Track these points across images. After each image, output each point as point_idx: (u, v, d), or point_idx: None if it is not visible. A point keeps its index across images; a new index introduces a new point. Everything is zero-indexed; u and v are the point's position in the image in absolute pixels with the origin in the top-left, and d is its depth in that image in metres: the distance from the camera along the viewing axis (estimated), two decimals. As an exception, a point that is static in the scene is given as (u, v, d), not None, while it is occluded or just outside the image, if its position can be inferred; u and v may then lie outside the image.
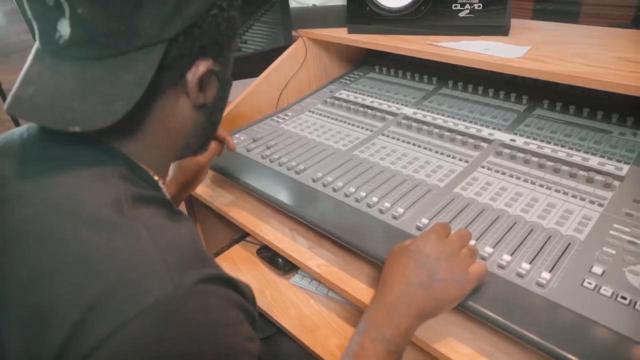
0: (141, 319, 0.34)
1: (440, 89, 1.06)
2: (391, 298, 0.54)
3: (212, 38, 0.45)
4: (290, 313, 0.77)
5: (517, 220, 0.66)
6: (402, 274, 0.55)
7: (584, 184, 0.71)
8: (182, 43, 0.42)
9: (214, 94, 0.50)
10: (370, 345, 0.51)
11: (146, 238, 0.38)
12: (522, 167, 0.77)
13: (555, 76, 0.72)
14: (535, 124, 0.87)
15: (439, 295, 0.53)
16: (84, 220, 0.39)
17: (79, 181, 0.41)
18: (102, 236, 0.38)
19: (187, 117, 0.49)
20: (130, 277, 0.36)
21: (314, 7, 1.12)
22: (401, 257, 0.56)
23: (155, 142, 0.48)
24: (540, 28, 0.98)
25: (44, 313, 0.36)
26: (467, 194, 0.72)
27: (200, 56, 0.45)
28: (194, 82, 0.45)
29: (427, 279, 0.53)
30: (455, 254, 0.55)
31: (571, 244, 0.61)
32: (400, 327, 0.52)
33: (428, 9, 0.95)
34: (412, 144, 0.88)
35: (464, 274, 0.54)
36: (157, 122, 0.46)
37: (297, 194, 0.78)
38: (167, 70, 0.43)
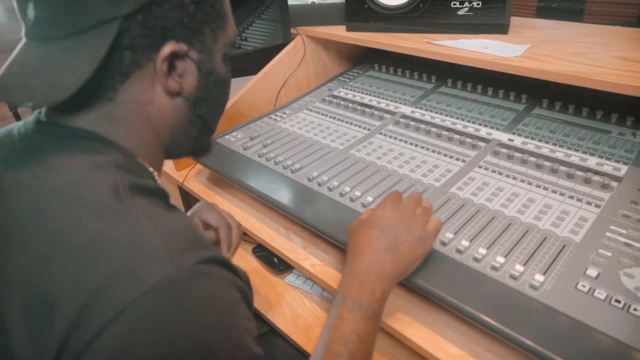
0: (146, 300, 0.35)
1: (440, 87, 1.05)
2: (362, 268, 0.55)
3: (178, 20, 0.45)
4: (284, 312, 0.77)
5: (512, 221, 0.65)
6: (368, 244, 0.57)
7: (582, 185, 0.71)
8: (142, 22, 0.42)
9: (193, 83, 0.49)
10: (348, 315, 0.53)
11: (146, 223, 0.39)
12: (520, 167, 0.76)
13: (552, 75, 0.71)
14: (534, 123, 0.87)
15: (406, 255, 0.56)
16: (84, 207, 0.39)
17: (77, 171, 0.42)
18: (102, 222, 0.38)
19: (167, 106, 0.49)
20: (133, 260, 0.37)
21: (312, 5, 1.11)
22: (363, 229, 0.59)
23: (142, 133, 0.48)
24: (540, 26, 0.97)
25: (48, 299, 0.36)
26: (463, 194, 0.72)
27: (169, 39, 0.45)
28: (159, 64, 0.45)
29: (392, 243, 0.56)
30: (411, 216, 0.59)
31: (566, 245, 0.60)
32: (375, 293, 0.54)
33: (426, 6, 0.95)
34: (409, 143, 0.88)
35: (423, 232, 0.58)
36: (138, 110, 0.47)
37: (292, 193, 0.78)
38: (128, 49, 0.43)
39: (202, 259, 0.39)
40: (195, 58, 0.48)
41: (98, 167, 0.43)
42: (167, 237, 0.39)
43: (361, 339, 0.52)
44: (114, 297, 0.35)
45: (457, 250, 0.61)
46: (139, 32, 0.43)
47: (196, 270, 0.38)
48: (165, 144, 0.52)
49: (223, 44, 0.51)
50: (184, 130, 0.52)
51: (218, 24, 0.50)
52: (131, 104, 0.46)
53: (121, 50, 0.43)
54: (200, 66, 0.49)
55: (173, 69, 0.47)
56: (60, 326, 0.35)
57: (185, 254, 0.39)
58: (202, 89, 0.50)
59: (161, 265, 0.37)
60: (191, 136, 0.54)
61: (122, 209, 0.40)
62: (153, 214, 0.41)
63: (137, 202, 0.41)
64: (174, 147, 0.54)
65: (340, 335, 0.52)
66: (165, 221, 0.41)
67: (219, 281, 0.40)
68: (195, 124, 0.53)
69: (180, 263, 0.38)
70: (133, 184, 0.43)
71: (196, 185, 0.95)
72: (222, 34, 0.51)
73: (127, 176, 0.43)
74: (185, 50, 0.47)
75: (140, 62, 0.45)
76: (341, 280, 0.57)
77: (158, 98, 0.48)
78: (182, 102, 0.50)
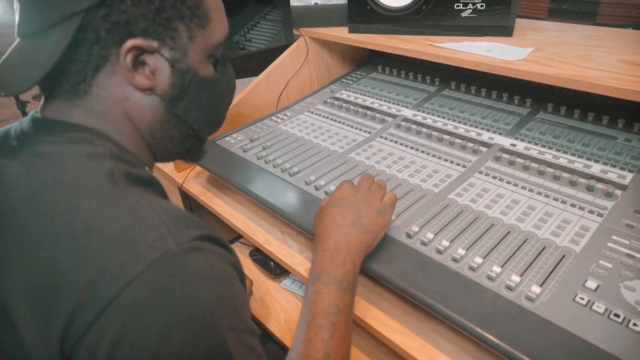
0: (149, 273, 0.37)
1: (443, 90, 1.04)
2: (330, 244, 0.58)
3: (143, 15, 0.45)
4: (279, 317, 0.76)
5: (511, 229, 0.64)
6: (333, 222, 0.60)
7: (584, 193, 0.69)
8: (105, 16, 0.44)
9: (165, 81, 0.49)
10: (325, 289, 0.55)
11: (143, 204, 0.42)
12: (521, 174, 0.75)
13: (555, 80, 0.69)
14: (538, 128, 0.85)
15: (370, 227, 0.60)
16: (82, 192, 0.41)
17: (73, 161, 0.44)
18: (102, 203, 0.41)
19: (143, 103, 0.49)
20: (134, 237, 0.39)
21: (315, 6, 1.10)
22: (326, 209, 0.62)
23: (125, 128, 0.50)
24: (545, 28, 0.95)
25: (53, 280, 0.38)
26: (462, 201, 0.70)
27: (136, 34, 0.45)
28: (122, 58, 0.46)
29: (355, 218, 0.60)
30: (367, 191, 0.63)
31: (566, 255, 0.58)
32: (346, 265, 0.57)
33: (429, 8, 0.93)
34: (409, 147, 0.86)
35: (381, 205, 0.62)
36: (115, 105, 0.48)
37: (288, 196, 0.77)
38: (96, 44, 0.45)
39: (199, 236, 0.41)
40: (167, 55, 0.48)
41: (93, 157, 0.45)
42: (165, 216, 0.41)
43: (340, 310, 0.54)
44: (118, 273, 0.37)
45: (452, 259, 0.59)
46: (103, 26, 0.44)
47: (194, 245, 0.40)
48: (148, 143, 0.53)
49: (204, 44, 0.51)
50: (164, 130, 0.53)
51: (196, 23, 0.49)
52: (108, 99, 0.48)
53: (89, 44, 0.45)
54: (173, 64, 0.49)
55: (143, 65, 0.48)
56: (67, 302, 0.37)
57: (183, 230, 0.41)
58: (177, 87, 0.50)
59: (161, 240, 0.39)
60: (174, 137, 0.54)
61: (120, 192, 0.42)
62: (149, 197, 0.43)
63: (133, 188, 0.43)
64: (157, 147, 0.54)
65: (320, 308, 0.54)
66: (162, 203, 0.43)
67: (215, 256, 0.42)
68: (175, 124, 0.53)
69: (179, 238, 0.39)
70: (128, 172, 0.45)
71: (195, 187, 0.95)
72: (201, 34, 0.50)
73: (122, 165, 0.45)
74: (155, 47, 0.47)
75: (108, 57, 0.46)
76: (313, 259, 0.59)
77: (133, 94, 0.49)
78: (158, 100, 0.50)
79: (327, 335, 0.52)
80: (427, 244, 0.62)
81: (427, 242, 0.62)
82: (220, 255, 0.43)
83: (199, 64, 0.51)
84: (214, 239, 0.44)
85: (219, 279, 0.41)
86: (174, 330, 0.37)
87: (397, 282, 0.58)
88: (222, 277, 0.42)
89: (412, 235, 0.64)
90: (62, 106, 0.48)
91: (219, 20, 0.52)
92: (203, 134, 0.58)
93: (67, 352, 0.37)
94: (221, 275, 0.42)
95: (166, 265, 0.38)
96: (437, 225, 0.66)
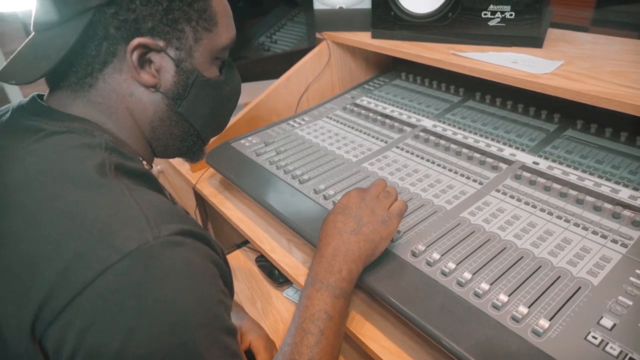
0: (124, 264, 0.37)
1: (467, 100, 1.00)
2: (329, 251, 0.57)
3: (151, 15, 0.47)
4: (278, 327, 0.74)
5: (524, 254, 0.60)
6: (334, 228, 0.59)
7: (609, 219, 0.64)
8: (114, 14, 0.46)
9: (170, 79, 0.51)
10: (317, 294, 0.55)
11: (127, 195, 0.42)
12: (541, 195, 0.70)
13: (582, 96, 0.65)
14: (565, 146, 0.80)
15: (371, 236, 0.58)
16: (71, 179, 0.42)
17: (67, 149, 0.45)
18: (87, 192, 0.42)
19: (146, 99, 0.51)
20: (113, 228, 0.39)
21: (339, 10, 1.08)
22: (330, 216, 0.61)
23: (125, 122, 0.52)
24: (580, 40, 0.90)
25: (33, 261, 0.39)
26: (475, 220, 0.67)
27: (143, 33, 0.47)
28: (128, 55, 0.47)
29: (356, 226, 0.59)
30: (373, 199, 0.61)
31: (582, 288, 0.54)
32: (342, 272, 0.56)
33: (455, 15, 0.89)
34: (425, 160, 0.83)
35: (386, 213, 0.60)
36: (119, 100, 0.50)
37: (296, 205, 0.75)
38: (105, 40, 0.47)
39: (180, 230, 0.42)
40: (172, 55, 0.50)
41: (87, 147, 0.46)
42: (147, 209, 0.42)
43: (330, 317, 0.54)
44: (94, 261, 0.37)
45: (457, 282, 0.56)
46: (111, 24, 0.46)
47: (172, 240, 0.40)
48: (148, 138, 0.55)
49: (210, 46, 0.53)
50: (165, 127, 0.54)
51: (202, 26, 0.51)
52: (112, 93, 0.50)
53: (98, 40, 0.47)
54: (178, 63, 0.51)
55: (149, 63, 0.50)
56: (43, 285, 0.37)
57: (164, 224, 0.41)
58: (180, 86, 0.52)
59: (140, 232, 0.39)
60: (174, 135, 0.56)
61: (106, 182, 0.43)
62: (136, 189, 0.44)
63: (122, 180, 0.44)
64: (157, 143, 0.56)
65: (310, 314, 0.54)
66: (147, 196, 0.44)
67: (194, 251, 0.42)
68: (176, 122, 0.55)
69: (158, 231, 0.40)
70: (120, 164, 0.46)
71: (208, 188, 0.94)
72: (207, 36, 0.52)
73: (115, 157, 0.46)
74: (162, 46, 0.49)
75: (116, 53, 0.48)
76: (311, 264, 0.59)
77: (138, 91, 0.51)
78: (161, 98, 0.52)
79: (314, 340, 0.52)
80: (432, 265, 0.59)
81: (433, 263, 0.59)
82: (201, 251, 0.43)
83: (204, 65, 0.53)
84: (196, 234, 0.43)
85: (194, 275, 0.41)
86: (142, 322, 0.37)
87: (395, 303, 0.55)
88: (199, 273, 0.42)
89: (418, 254, 0.61)
90: (66, 97, 0.50)
91: (225, 25, 0.54)
92: (204, 134, 0.59)
93: (38, 335, 0.38)
94: (198, 271, 0.42)
95: (141, 258, 0.38)
96: (445, 245, 0.62)
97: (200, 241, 0.44)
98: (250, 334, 0.72)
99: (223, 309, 0.43)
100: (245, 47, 1.47)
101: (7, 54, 2.31)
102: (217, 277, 0.44)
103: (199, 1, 0.50)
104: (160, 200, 0.45)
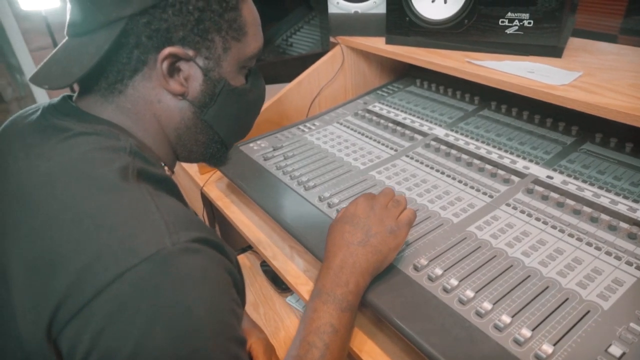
0: (142, 268, 0.38)
1: (482, 109, 0.97)
2: (336, 262, 0.56)
3: (182, 25, 0.47)
4: (279, 335, 0.73)
5: (531, 273, 0.57)
6: (341, 239, 0.58)
7: (624, 240, 0.61)
8: (146, 24, 0.46)
9: (197, 88, 0.51)
10: (323, 307, 0.54)
11: (149, 200, 0.43)
12: (554, 211, 0.67)
13: (600, 110, 0.62)
14: (581, 160, 0.76)
15: (379, 247, 0.57)
16: (94, 181, 0.43)
17: (93, 150, 0.46)
18: (109, 195, 0.42)
19: (173, 107, 0.52)
20: (133, 231, 0.40)
21: (355, 14, 1.07)
22: (337, 225, 0.60)
23: (151, 128, 0.52)
24: (602, 50, 0.86)
25: (52, 259, 0.39)
26: (482, 235, 0.64)
27: (174, 42, 0.48)
28: (159, 64, 0.48)
29: (364, 236, 0.57)
30: (382, 208, 0.60)
31: (590, 312, 0.51)
32: (349, 285, 0.55)
33: (472, 22, 0.87)
34: (435, 170, 0.81)
35: (394, 223, 0.59)
36: (146, 106, 0.51)
37: (299, 212, 0.74)
38: (137, 48, 0.47)
39: (197, 238, 0.42)
40: (201, 64, 0.50)
41: (112, 150, 0.46)
42: (167, 214, 0.42)
43: (335, 330, 0.53)
44: (113, 263, 0.38)
45: (459, 300, 0.54)
46: (143, 33, 0.47)
47: (190, 247, 0.40)
48: (173, 144, 0.56)
49: (238, 55, 0.53)
50: (190, 134, 0.55)
51: (232, 35, 0.51)
52: (140, 100, 0.50)
53: (130, 48, 0.47)
54: (206, 72, 0.51)
55: (178, 72, 0.50)
56: (61, 284, 0.38)
57: (182, 231, 0.41)
58: (207, 94, 0.53)
59: (159, 237, 0.39)
60: (199, 141, 0.56)
61: (128, 186, 0.43)
62: (157, 194, 0.44)
63: (143, 184, 0.44)
64: (182, 149, 0.56)
65: (315, 327, 0.53)
66: (168, 202, 0.44)
67: (210, 260, 0.42)
68: (201, 129, 0.55)
69: (176, 237, 0.40)
70: (142, 169, 0.46)
71: (215, 191, 0.94)
72: (236, 46, 0.52)
73: (138, 162, 0.47)
74: (191, 55, 0.49)
75: (146, 61, 0.48)
76: (317, 276, 0.58)
77: (165, 98, 0.51)
78: (188, 105, 0.52)
79: (318, 354, 0.51)
80: (434, 280, 0.57)
81: (435, 278, 0.57)
82: (216, 259, 0.43)
83: (231, 74, 0.54)
84: (212, 243, 0.44)
85: (209, 283, 0.41)
86: (157, 327, 0.37)
87: (392, 319, 0.54)
88: (214, 282, 0.42)
89: (420, 269, 0.59)
90: (95, 101, 0.51)
91: (254, 34, 0.55)
92: (228, 140, 0.60)
93: (54, 334, 0.38)
94: (213, 279, 0.42)
95: (159, 262, 0.38)
96: (449, 260, 0.60)
97: (216, 250, 0.44)
98: (250, 337, 0.71)
99: (235, 318, 0.43)
100: (263, 50, 1.47)
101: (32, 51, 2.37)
102: (231, 286, 0.44)
103: (230, 12, 0.50)
104: (179, 207, 0.45)
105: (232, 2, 0.50)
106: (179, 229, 0.41)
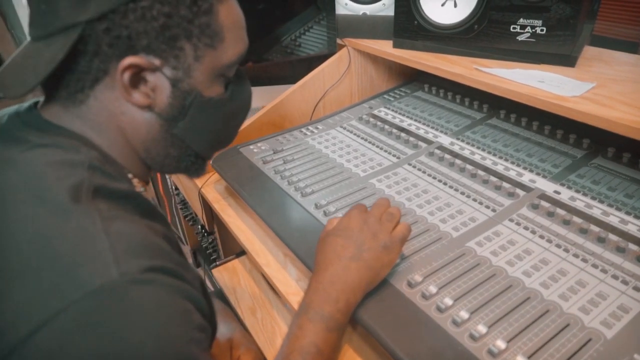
0: (84, 303, 0.35)
1: (490, 118, 0.94)
2: (326, 277, 0.54)
3: (146, 32, 0.43)
4: (275, 341, 0.71)
5: (531, 295, 0.54)
6: (333, 252, 0.55)
7: (633, 263, 0.57)
8: (106, 30, 0.42)
9: (165, 100, 0.47)
10: (309, 325, 0.51)
11: (98, 225, 0.39)
12: (559, 228, 0.64)
13: (610, 124, 0.58)
14: (591, 175, 0.73)
15: (371, 263, 0.55)
16: (42, 202, 0.40)
17: (46, 166, 0.42)
18: (56, 219, 0.39)
19: (139, 119, 0.48)
20: (76, 261, 0.37)
21: (363, 16, 1.04)
22: (329, 237, 0.58)
23: (116, 140, 0.49)
24: (618, 60, 0.82)
25: None
26: (481, 251, 0.61)
27: (138, 50, 0.44)
28: (119, 75, 0.44)
29: (357, 251, 0.55)
30: (376, 222, 0.57)
31: (592, 340, 0.48)
32: (338, 302, 0.52)
33: (482, 28, 0.84)
34: (437, 180, 0.78)
35: (388, 238, 0.56)
36: (110, 118, 0.47)
37: (295, 220, 0.72)
38: (94, 56, 0.43)
39: (149, 267, 0.38)
40: (169, 74, 0.46)
41: (69, 164, 0.43)
42: (117, 241, 0.38)
43: (320, 351, 0.50)
44: (53, 297, 0.35)
45: (453, 321, 0.51)
46: (103, 40, 0.43)
47: (141, 277, 0.37)
48: (142, 157, 0.52)
49: (213, 64, 0.48)
50: (160, 147, 0.51)
51: (205, 42, 0.47)
52: (103, 110, 0.47)
53: (89, 56, 0.44)
54: (174, 83, 0.47)
55: (145, 82, 0.46)
56: None
57: (133, 259, 0.38)
58: (176, 107, 0.49)
59: (104, 268, 0.36)
60: (170, 155, 0.52)
61: (76, 208, 0.40)
62: (110, 217, 0.40)
63: (97, 204, 0.41)
64: (152, 161, 0.53)
65: (299, 345, 0.50)
66: (121, 226, 0.40)
67: (164, 289, 0.39)
68: (172, 143, 0.51)
69: (125, 268, 0.37)
70: (101, 186, 0.42)
71: (212, 193, 0.92)
72: (210, 53, 0.48)
73: (97, 177, 0.43)
74: (157, 65, 0.45)
75: (108, 71, 0.45)
76: (306, 289, 0.55)
77: (130, 110, 0.47)
78: (155, 118, 0.49)
79: None
80: (428, 298, 0.55)
81: (429, 297, 0.55)
82: (172, 287, 0.40)
83: (204, 85, 0.49)
84: (167, 270, 0.40)
85: (162, 316, 0.38)
86: None
87: (382, 339, 0.51)
88: (167, 313, 0.38)
89: (414, 285, 0.57)
90: (57, 110, 0.47)
91: (234, 39, 0.49)
92: (204, 153, 0.56)
93: None
94: (166, 310, 0.38)
95: (104, 297, 0.35)
96: (444, 278, 0.57)
97: (172, 276, 0.40)
98: (239, 347, 0.70)
99: (196, 346, 0.40)
100: (270, 49, 1.45)
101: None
102: (190, 313, 0.41)
103: (202, 17, 0.46)
104: (136, 230, 0.41)
105: (205, 6, 0.45)
106: (130, 258, 0.38)
